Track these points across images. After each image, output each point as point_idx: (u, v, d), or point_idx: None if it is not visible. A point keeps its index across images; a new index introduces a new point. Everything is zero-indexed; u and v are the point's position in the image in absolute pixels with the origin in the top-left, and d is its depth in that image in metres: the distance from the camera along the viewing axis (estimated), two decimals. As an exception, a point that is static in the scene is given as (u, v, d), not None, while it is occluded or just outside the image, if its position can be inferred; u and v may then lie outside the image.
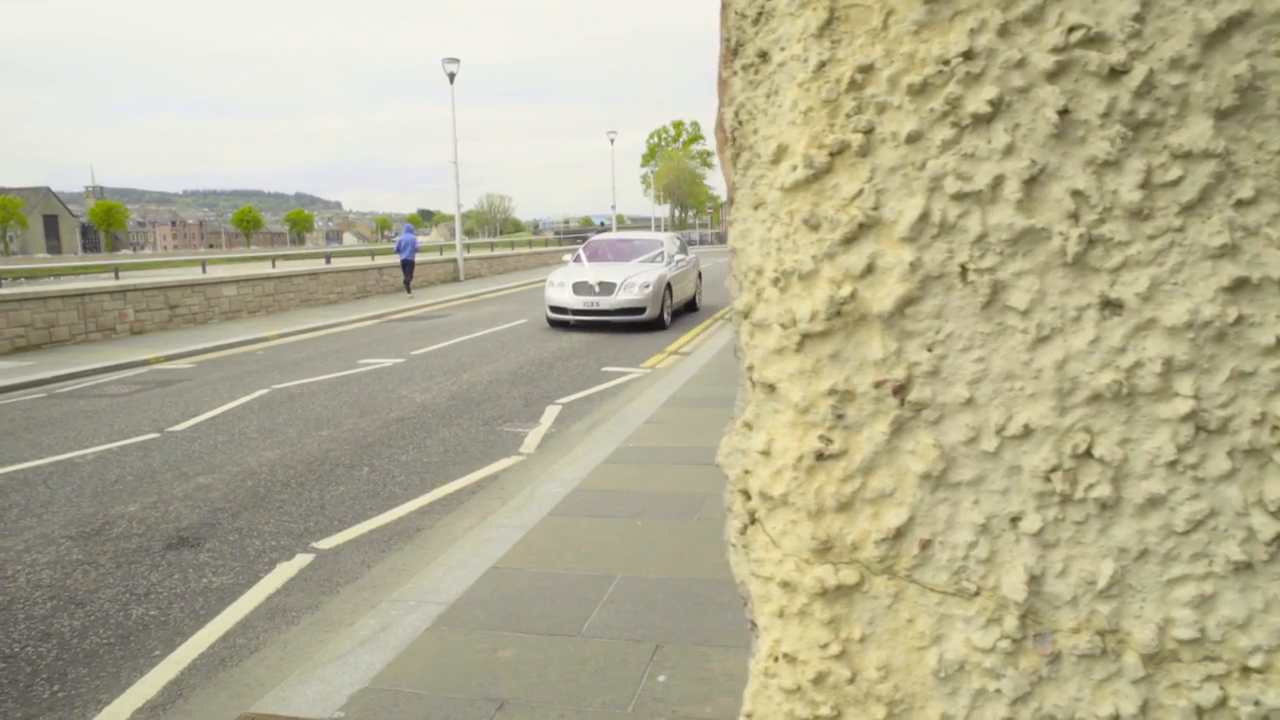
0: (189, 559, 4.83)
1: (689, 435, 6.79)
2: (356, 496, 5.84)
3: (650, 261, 15.43)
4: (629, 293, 14.03)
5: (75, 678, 3.61)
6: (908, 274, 0.55)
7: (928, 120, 0.54)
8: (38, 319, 13.88)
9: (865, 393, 0.56)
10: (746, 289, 0.59)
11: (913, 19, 0.53)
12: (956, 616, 0.55)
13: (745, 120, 0.59)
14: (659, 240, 16.86)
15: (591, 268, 14.97)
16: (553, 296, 14.58)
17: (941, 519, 0.56)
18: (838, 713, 0.56)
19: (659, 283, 14.32)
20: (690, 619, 3.71)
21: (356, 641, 3.65)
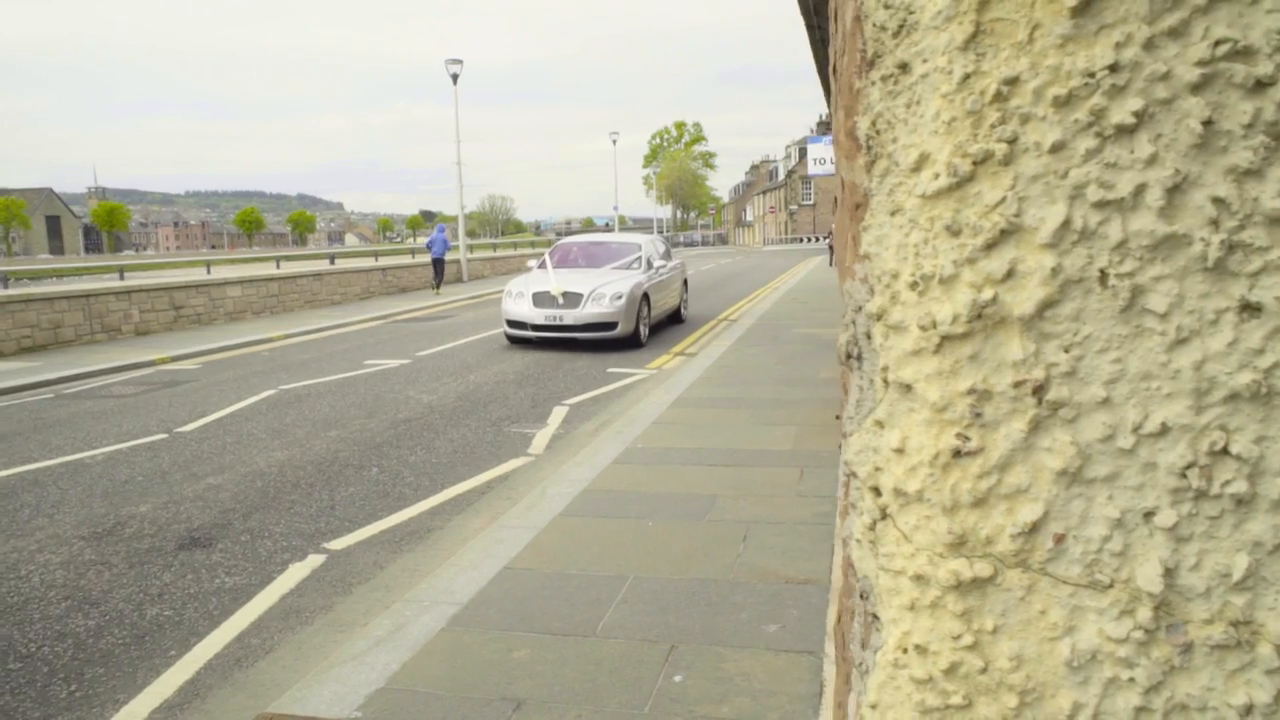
0: (201, 559, 4.84)
1: (697, 436, 6.80)
2: (366, 497, 5.86)
3: (625, 268, 13.55)
4: (598, 305, 12.21)
5: (92, 677, 3.62)
6: (1048, 278, 0.57)
7: (1071, 131, 0.56)
8: (43, 320, 13.91)
9: (1003, 392, 0.58)
10: (880, 292, 0.61)
11: (1058, 33, 0.55)
12: (1089, 608, 0.56)
13: (883, 129, 0.60)
14: (636, 243, 14.56)
15: (556, 275, 13.09)
16: (510, 309, 12.69)
17: (1076, 514, 0.58)
18: (969, 702, 0.57)
19: (634, 293, 12.48)
20: (704, 619, 3.71)
21: (371, 642, 3.66)
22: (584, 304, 12.21)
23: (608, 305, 12.18)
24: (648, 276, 13.31)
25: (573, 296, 12.31)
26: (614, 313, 12.17)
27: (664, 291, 14.10)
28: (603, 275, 13.08)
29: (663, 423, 7.34)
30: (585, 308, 12.19)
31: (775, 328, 13.92)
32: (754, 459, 6.13)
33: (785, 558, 4.35)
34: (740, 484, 5.57)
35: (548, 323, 12.31)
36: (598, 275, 13.07)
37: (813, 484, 5.50)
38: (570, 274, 13.22)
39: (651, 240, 15.26)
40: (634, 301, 12.40)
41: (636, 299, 12.48)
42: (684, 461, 6.13)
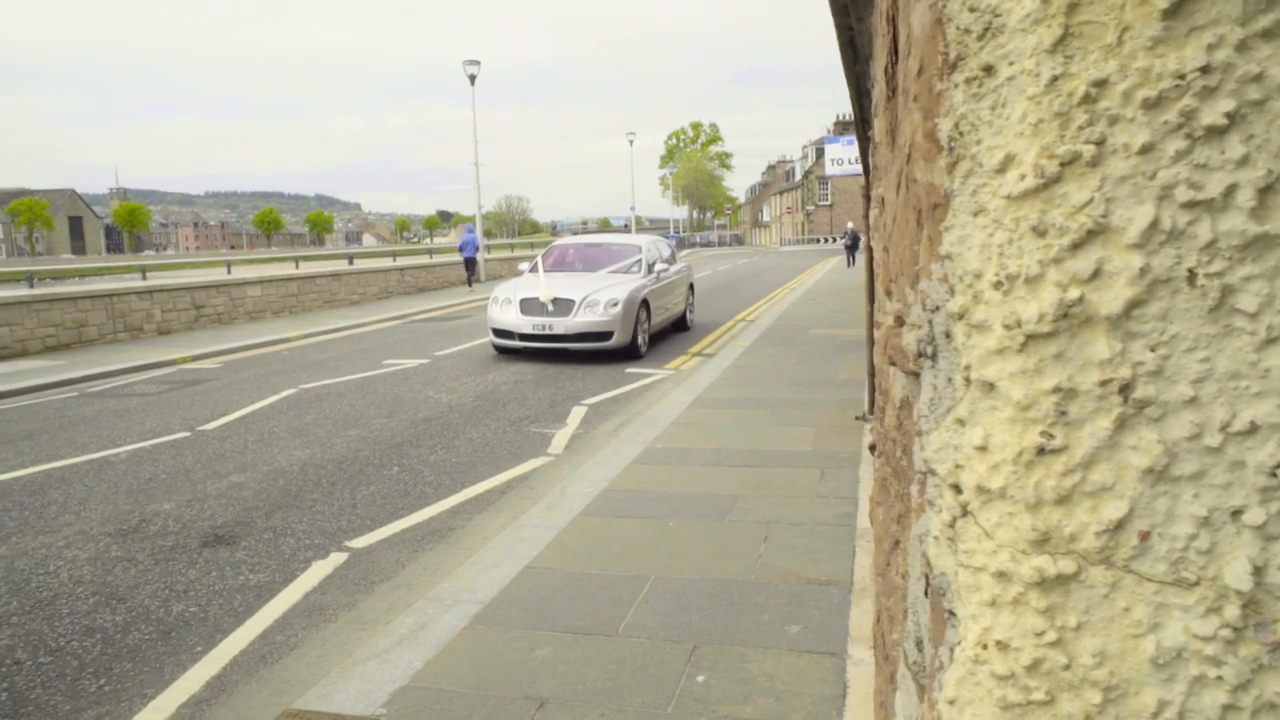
0: (225, 556, 4.88)
1: (717, 436, 6.80)
2: (388, 496, 5.89)
3: (624, 272, 12.62)
4: (591, 313, 11.20)
5: (120, 672, 3.66)
6: (1136, 278, 0.57)
7: (1161, 132, 0.57)
8: (68, 319, 14.06)
9: (1089, 390, 0.58)
10: (962, 292, 0.61)
11: (1149, 35, 0.55)
12: (1174, 605, 0.57)
13: (966, 131, 0.61)
14: (636, 245, 13.54)
15: (548, 280, 12.06)
16: (496, 317, 11.69)
17: (1161, 511, 0.58)
18: (1052, 698, 0.57)
19: (631, 300, 11.47)
20: (726, 620, 3.72)
21: (395, 640, 3.68)
22: (576, 311, 11.22)
23: (602, 313, 11.20)
24: (648, 281, 12.41)
25: (564, 303, 11.32)
26: (609, 321, 11.18)
27: (667, 297, 13.16)
28: (598, 280, 12.13)
29: (682, 423, 7.34)
30: (577, 316, 11.19)
31: (793, 328, 13.90)
32: (774, 460, 6.12)
33: (806, 559, 4.35)
34: (760, 484, 5.56)
35: (536, 332, 11.28)
36: (593, 280, 12.13)
37: (833, 485, 5.49)
38: (563, 278, 12.28)
39: (654, 241, 14.19)
40: (631, 308, 11.44)
41: (634, 306, 11.52)
42: (704, 462, 6.13)
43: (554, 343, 11.35)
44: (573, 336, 11.24)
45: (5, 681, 3.59)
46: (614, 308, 11.25)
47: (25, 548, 5.06)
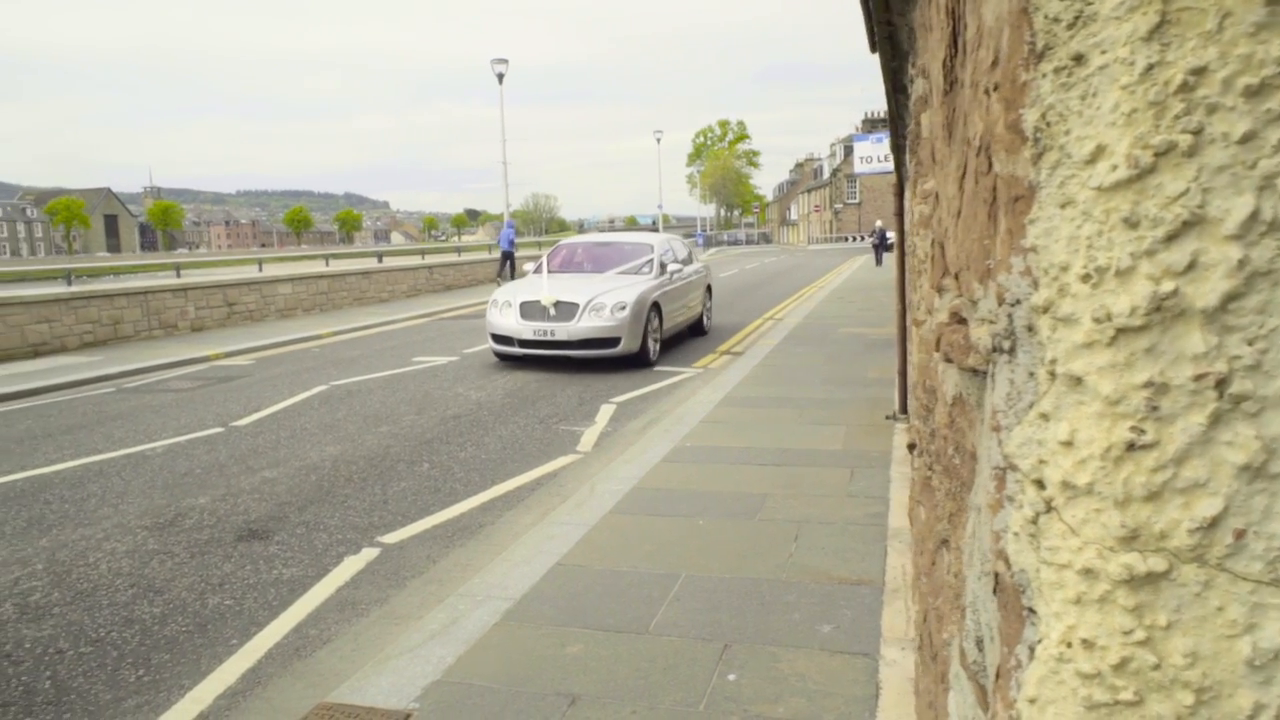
0: (259, 551, 4.94)
1: (746, 435, 6.78)
2: (418, 492, 5.93)
3: (633, 273, 11.87)
4: (596, 317, 10.47)
5: (158, 663, 3.71)
6: (1234, 270, 0.56)
7: (1262, 121, 0.55)
8: (104, 316, 14.29)
9: (1181, 385, 0.57)
10: (1047, 285, 0.60)
11: (1251, 21, 0.54)
12: (1272, 606, 0.56)
13: (1054, 121, 0.60)
14: (648, 244, 12.75)
15: (551, 281, 11.44)
16: (494, 321, 11.01)
17: (1258, 509, 0.57)
18: (1140, 698, 0.56)
19: (640, 303, 10.74)
20: (757, 619, 3.70)
21: (426, 635, 3.70)
22: (580, 316, 10.49)
23: (608, 317, 10.45)
24: (660, 283, 11.62)
25: (567, 307, 10.60)
26: (615, 326, 10.43)
27: (681, 300, 12.40)
28: (606, 281, 11.44)
29: (711, 421, 7.33)
30: (581, 320, 10.47)
31: (822, 327, 13.83)
32: (803, 459, 6.09)
33: (837, 558, 4.33)
34: (790, 483, 5.54)
35: (536, 338, 10.57)
36: (600, 281, 11.43)
37: (863, 484, 5.46)
38: (568, 280, 11.59)
39: (667, 240, 13.46)
40: (640, 313, 10.69)
41: (644, 310, 10.79)
42: (733, 460, 6.11)
43: (556, 349, 10.61)
44: (576, 343, 10.50)
45: (48, 670, 3.66)
46: (621, 312, 10.47)
47: (65, 540, 5.15)
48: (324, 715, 3.14)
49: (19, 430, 8.16)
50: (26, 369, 11.63)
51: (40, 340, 13.18)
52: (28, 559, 4.87)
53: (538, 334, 10.58)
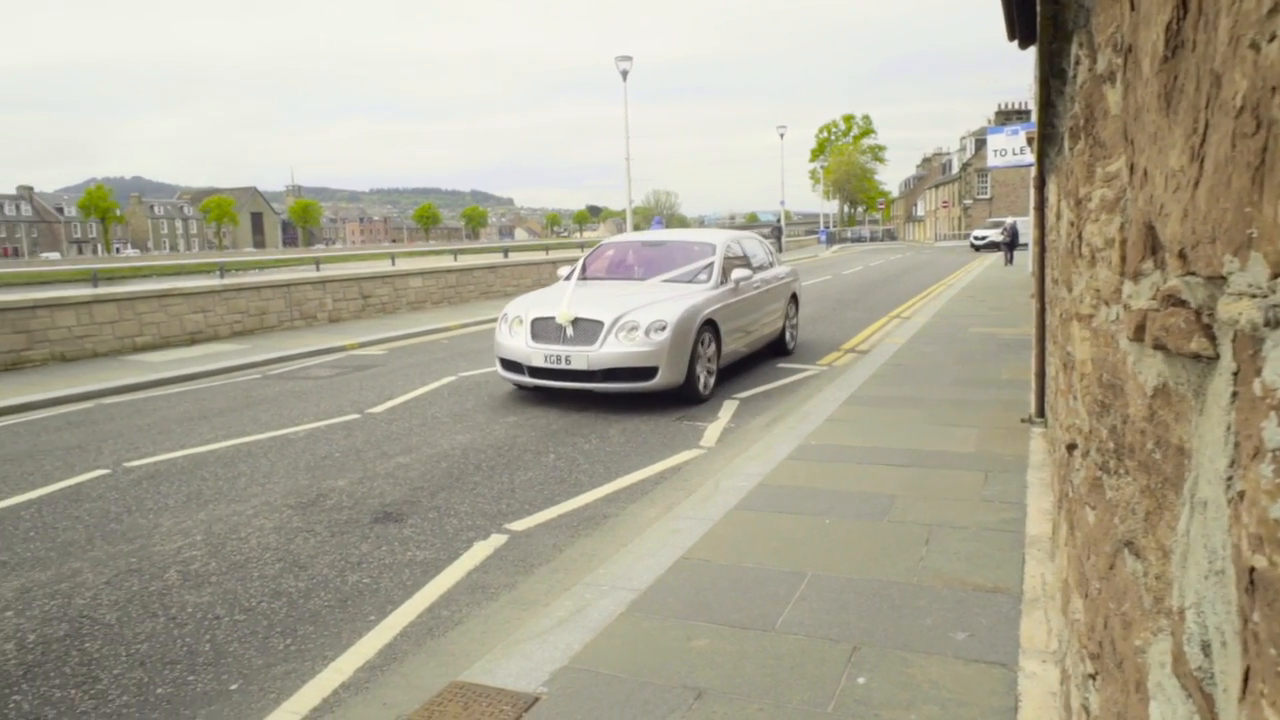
0: (394, 533, 5.13)
1: (873, 435, 6.62)
2: (545, 482, 6.05)
3: (684, 281, 9.39)
4: (626, 340, 8.10)
5: (303, 634, 3.91)
6: None
7: None
8: (252, 307, 15.17)
9: None
10: None
11: None
12: None
13: None
14: (709, 244, 10.04)
15: (578, 291, 9.16)
16: (503, 342, 8.78)
17: None
18: None
19: (686, 321, 8.29)
20: (888, 622, 3.61)
21: (554, 621, 3.76)
22: (604, 338, 8.14)
23: (641, 340, 8.06)
24: (719, 294, 9.17)
25: (588, 326, 8.26)
26: (651, 352, 8.03)
27: (750, 315, 9.89)
28: (647, 292, 9.04)
29: (836, 420, 7.19)
30: (606, 345, 8.11)
31: (951, 326, 13.38)
32: (933, 460, 5.90)
33: (971, 564, 4.17)
34: (920, 485, 5.38)
35: (548, 365, 8.27)
36: (639, 292, 9.05)
37: (998, 489, 5.24)
38: (599, 290, 9.25)
39: (737, 240, 10.70)
40: (686, 334, 8.25)
41: (691, 330, 8.32)
42: (860, 460, 5.98)
43: (572, 381, 8.25)
44: (598, 374, 8.12)
45: (208, 634, 3.91)
46: (660, 333, 8.07)
47: (220, 514, 5.49)
48: (457, 693, 3.23)
49: (179, 412, 8.75)
50: (184, 355, 12.46)
51: (196, 329, 14.10)
52: (188, 530, 5.21)
53: (550, 360, 8.22)
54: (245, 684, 3.50)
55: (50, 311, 12.17)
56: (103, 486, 6.18)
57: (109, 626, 4.01)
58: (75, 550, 4.96)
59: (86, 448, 7.34)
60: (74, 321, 12.42)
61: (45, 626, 4.03)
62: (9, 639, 3.92)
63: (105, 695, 3.44)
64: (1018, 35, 5.92)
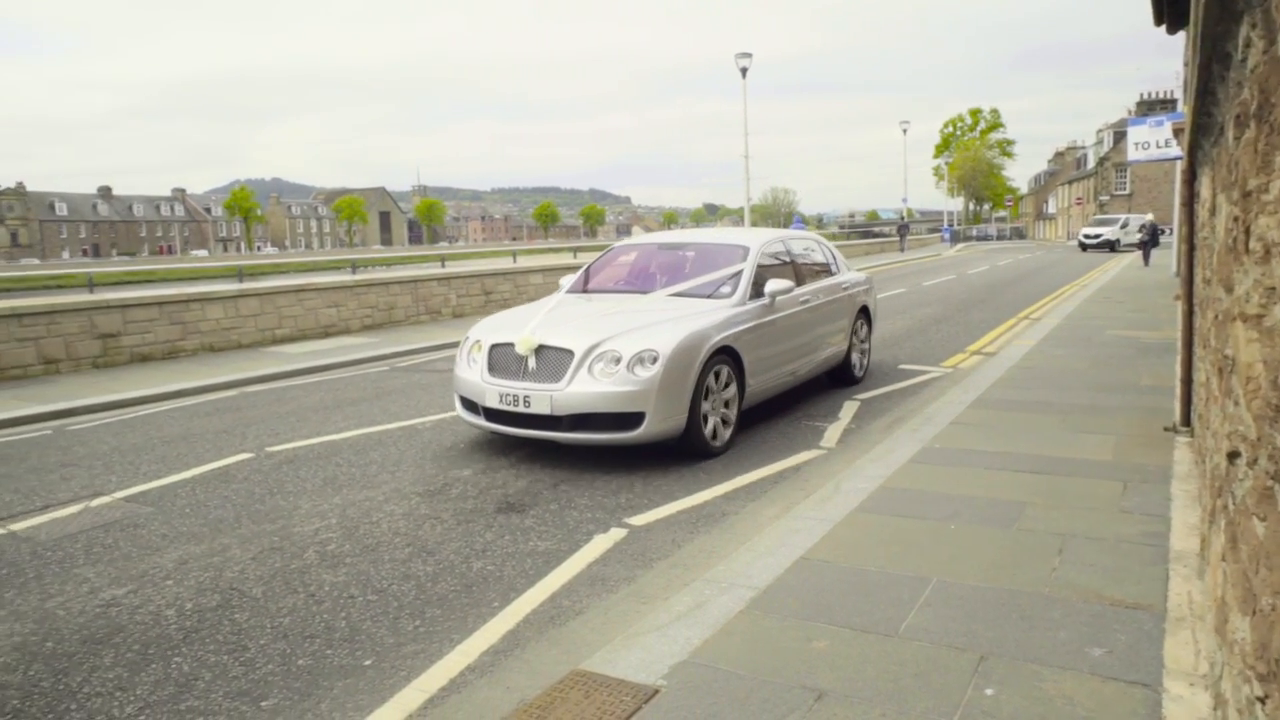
0: (517, 523, 5.26)
1: (1001, 440, 6.38)
2: (664, 478, 6.08)
3: (703, 295, 7.37)
4: (602, 377, 6.24)
5: (431, 617, 4.06)
6: None
7: None
8: (381, 302, 15.81)
9: None
10: None
11: None
12: None
13: None
14: (740, 246, 7.97)
15: (564, 308, 7.42)
16: (460, 374, 7.01)
17: None
18: None
19: (687, 351, 6.38)
20: (1018, 633, 3.48)
21: (673, 616, 3.79)
22: (572, 374, 6.26)
23: (621, 378, 6.16)
24: (744, 313, 7.15)
25: (555, 358, 6.40)
26: (633, 394, 6.12)
27: (792, 338, 7.81)
28: (646, 311, 7.07)
29: (961, 423, 6.97)
30: (575, 382, 6.24)
31: (1085, 328, 12.75)
32: (1067, 468, 5.65)
33: (1108, 577, 3.97)
34: (1051, 493, 5.16)
35: (503, 407, 6.47)
36: (635, 311, 7.09)
37: (1138, 500, 4.97)
38: (582, 307, 7.40)
39: (780, 240, 8.56)
40: (685, 367, 6.31)
41: (694, 362, 6.37)
42: (987, 465, 5.77)
43: (529, 428, 6.42)
44: (565, 420, 6.27)
45: (344, 612, 4.11)
46: (647, 367, 6.18)
47: (354, 499, 5.75)
48: (578, 681, 3.30)
49: (315, 400, 9.22)
50: (319, 347, 13.11)
51: (330, 323, 14.81)
52: (324, 513, 5.49)
53: (505, 401, 6.44)
54: (378, 660, 3.66)
55: (202, 305, 13.01)
56: (247, 469, 6.57)
57: (255, 600, 4.26)
58: (225, 527, 5.29)
59: (232, 432, 7.82)
60: (221, 315, 13.23)
61: (200, 596, 4.32)
62: (170, 605, 4.23)
63: (253, 663, 3.66)
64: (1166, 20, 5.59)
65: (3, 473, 6.72)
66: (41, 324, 11.17)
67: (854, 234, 78.72)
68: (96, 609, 4.21)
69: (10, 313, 10.95)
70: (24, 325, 11.02)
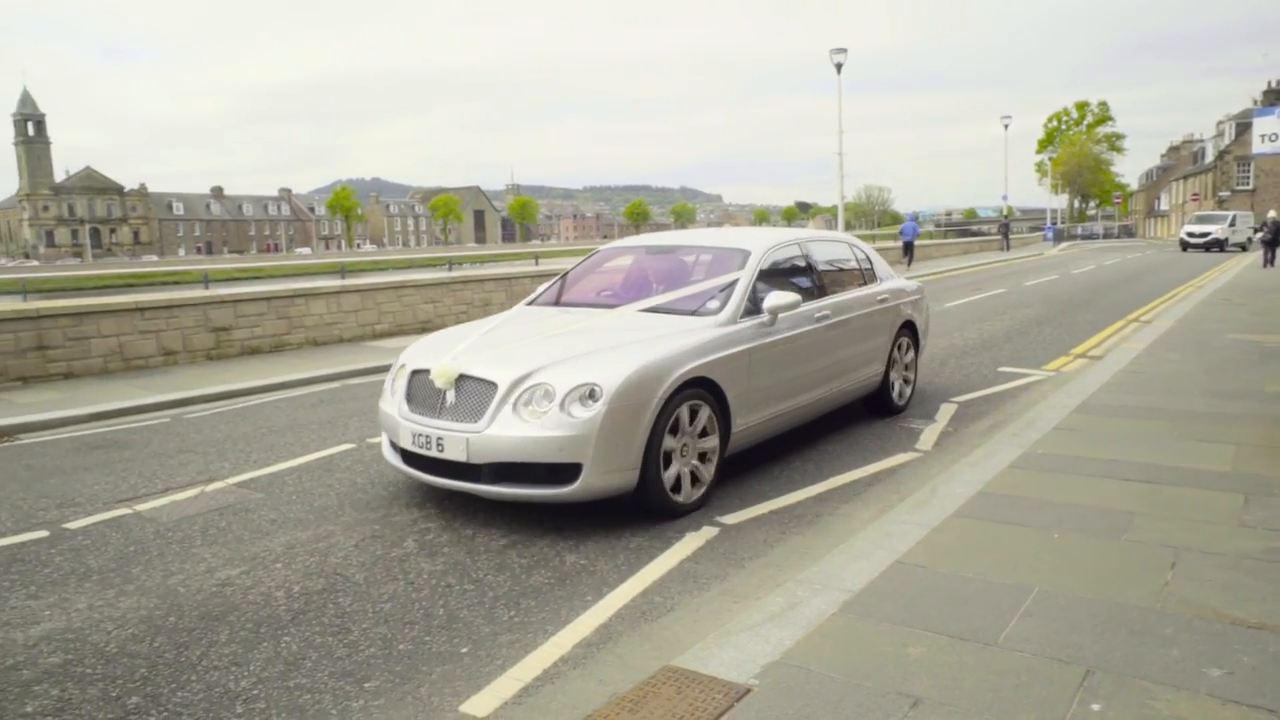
0: (609, 518, 5.30)
1: (1109, 447, 6.13)
2: (756, 477, 6.06)
3: (680, 311, 6.04)
4: (528, 416, 5.00)
5: (525, 607, 4.14)
6: None
7: None
8: (475, 298, 16.16)
9: None
10: None
11: None
12: None
13: None
14: (739, 251, 6.60)
15: (509, 326, 6.24)
16: (382, 407, 5.86)
17: None
18: None
19: (641, 385, 5.04)
20: (1126, 648, 3.34)
21: (765, 615, 3.77)
22: (494, 412, 5.04)
23: (553, 419, 4.92)
24: (731, 334, 5.79)
25: (476, 391, 5.18)
26: (567, 440, 4.88)
27: (802, 364, 6.43)
28: (601, 331, 5.79)
29: (1066, 429, 6.72)
30: (496, 422, 5.01)
31: (1200, 331, 12.14)
32: (1180, 478, 5.39)
33: (1228, 594, 3.78)
34: (1163, 504, 4.93)
35: (417, 449, 5.30)
36: (588, 331, 5.81)
37: (1261, 514, 4.72)
38: (530, 325, 6.15)
39: (796, 244, 7.08)
40: (637, 406, 5.01)
41: (650, 400, 5.06)
42: (1093, 473, 5.56)
43: (445, 477, 5.23)
44: (485, 471, 5.05)
45: (442, 600, 4.23)
46: (586, 406, 4.93)
47: (450, 491, 5.89)
48: (669, 677, 3.31)
49: (413, 394, 9.47)
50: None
51: (427, 318, 15.21)
52: (422, 503, 5.65)
53: (419, 441, 5.26)
54: (474, 648, 3.75)
55: (306, 300, 13.53)
56: (349, 459, 6.81)
57: (358, 585, 4.42)
58: (329, 514, 5.50)
59: (335, 423, 8.12)
60: (324, 310, 13.73)
61: (306, 580, 4.50)
62: (279, 587, 4.42)
63: (356, 645, 3.80)
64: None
65: (127, 457, 7.13)
66: (162, 318, 11.80)
67: (950, 232, 76.75)
68: (213, 588, 4.44)
69: (134, 306, 11.61)
70: (146, 318, 11.66)
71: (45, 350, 10.78)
